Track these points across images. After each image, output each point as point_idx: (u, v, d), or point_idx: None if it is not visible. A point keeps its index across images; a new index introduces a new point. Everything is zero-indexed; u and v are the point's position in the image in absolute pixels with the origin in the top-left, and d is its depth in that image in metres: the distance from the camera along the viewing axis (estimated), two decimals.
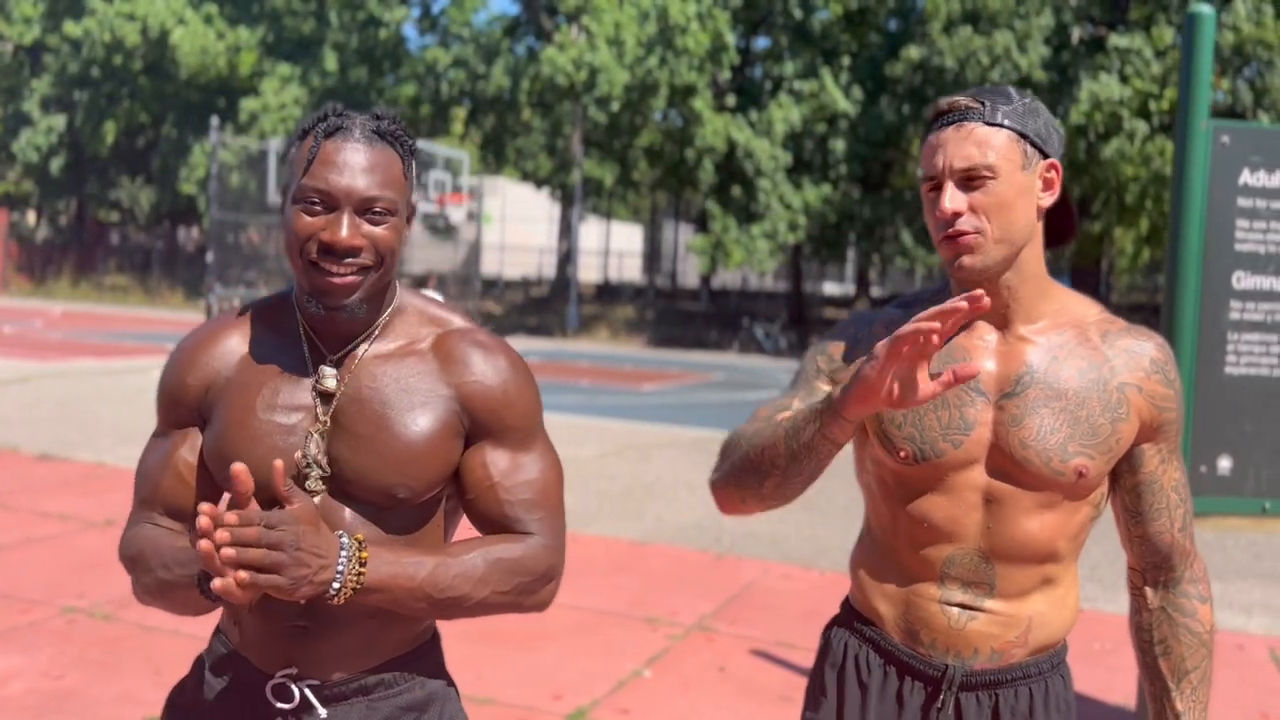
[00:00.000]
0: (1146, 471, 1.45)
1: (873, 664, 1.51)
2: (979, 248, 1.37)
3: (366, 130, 1.31)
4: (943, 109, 1.40)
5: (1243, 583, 5.85)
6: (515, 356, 1.42)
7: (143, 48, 31.43)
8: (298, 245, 1.29)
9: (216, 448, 1.35)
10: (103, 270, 37.18)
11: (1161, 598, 1.50)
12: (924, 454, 1.42)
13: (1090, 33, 24.50)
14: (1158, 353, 1.44)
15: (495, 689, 3.80)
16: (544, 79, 25.61)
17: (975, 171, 1.36)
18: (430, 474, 1.36)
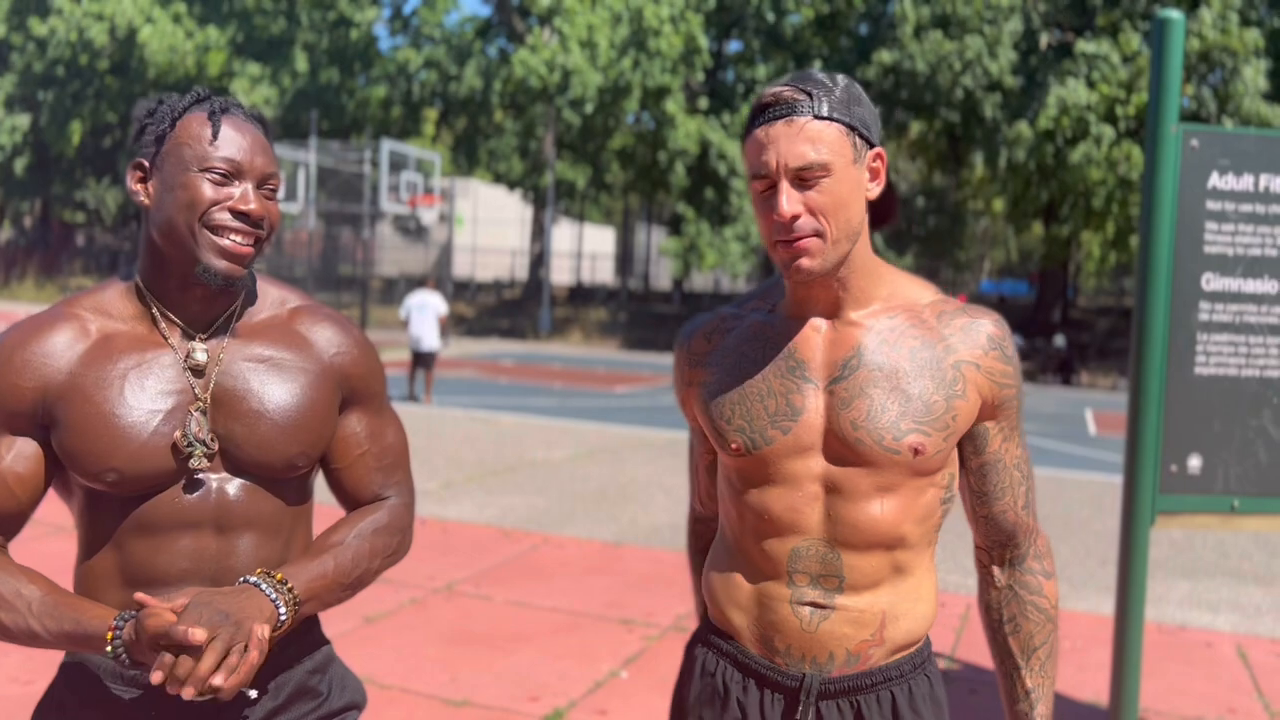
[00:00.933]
0: (991, 451, 1.45)
1: (731, 680, 1.48)
2: (819, 251, 1.34)
3: (245, 114, 1.39)
4: (768, 101, 1.34)
5: (1210, 580, 5.94)
6: (358, 326, 1.52)
7: (110, 47, 31.06)
8: (199, 212, 1.31)
9: (78, 447, 1.30)
10: (68, 272, 36.68)
11: (1008, 576, 1.51)
12: (755, 443, 1.41)
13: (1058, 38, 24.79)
14: (995, 329, 1.43)
15: (471, 691, 3.78)
16: (516, 81, 25.57)
17: (810, 170, 1.32)
18: (321, 441, 1.42)
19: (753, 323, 1.49)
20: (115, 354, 1.35)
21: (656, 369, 20.36)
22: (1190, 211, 2.91)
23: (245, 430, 1.35)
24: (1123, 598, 3.04)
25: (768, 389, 1.42)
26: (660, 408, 13.84)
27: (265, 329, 1.43)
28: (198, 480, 1.34)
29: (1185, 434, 2.95)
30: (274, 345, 1.41)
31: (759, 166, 1.34)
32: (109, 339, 1.36)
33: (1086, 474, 9.91)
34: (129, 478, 1.32)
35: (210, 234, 1.31)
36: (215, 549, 1.35)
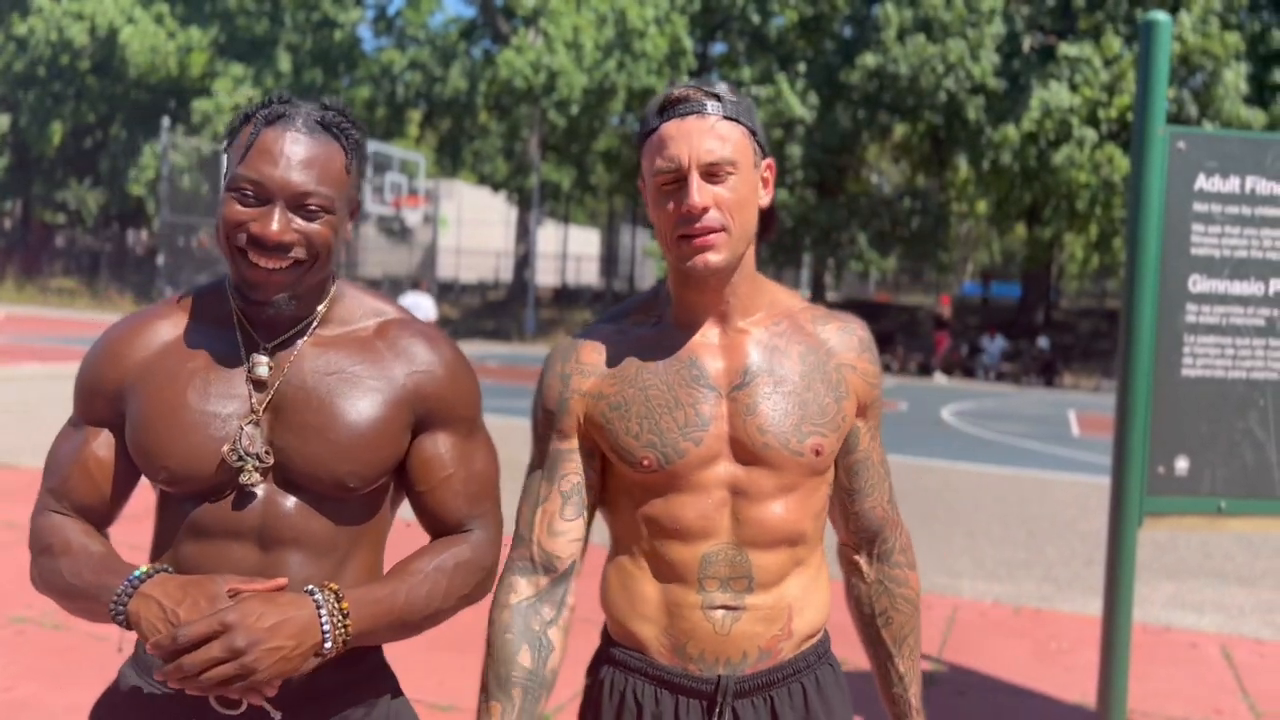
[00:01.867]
0: (861, 449, 1.52)
1: (644, 695, 1.46)
2: (723, 245, 1.35)
3: (310, 120, 1.28)
4: (679, 97, 1.37)
5: (1194, 581, 5.97)
6: (456, 346, 1.43)
7: (90, 47, 30.84)
8: (226, 234, 1.26)
9: (140, 440, 1.31)
10: (49, 273, 36.40)
11: (877, 570, 1.58)
12: (667, 457, 1.40)
13: (1040, 41, 24.94)
14: (863, 332, 1.51)
15: (458, 696, 3.76)
16: (501, 82, 25.53)
17: (720, 166, 1.34)
18: (380, 462, 1.34)
19: (640, 336, 1.48)
20: (191, 353, 1.33)
21: None
22: (1177, 213, 2.92)
23: (297, 444, 1.30)
24: (1110, 599, 3.05)
25: (674, 400, 1.42)
26: None
27: (344, 342, 1.36)
28: (246, 492, 1.30)
29: (1172, 436, 2.95)
30: (348, 359, 1.34)
31: (666, 160, 1.35)
32: (190, 337, 1.35)
33: (1070, 475, 9.95)
34: (179, 479, 1.30)
35: (237, 256, 1.27)
36: (257, 563, 1.31)
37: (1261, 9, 24.48)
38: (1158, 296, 2.92)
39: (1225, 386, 2.96)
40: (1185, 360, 2.95)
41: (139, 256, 37.38)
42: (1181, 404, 2.95)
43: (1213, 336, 2.95)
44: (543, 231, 37.79)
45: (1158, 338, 2.93)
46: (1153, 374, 2.93)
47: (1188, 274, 2.94)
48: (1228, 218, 2.94)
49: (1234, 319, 2.96)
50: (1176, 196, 2.92)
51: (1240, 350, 2.97)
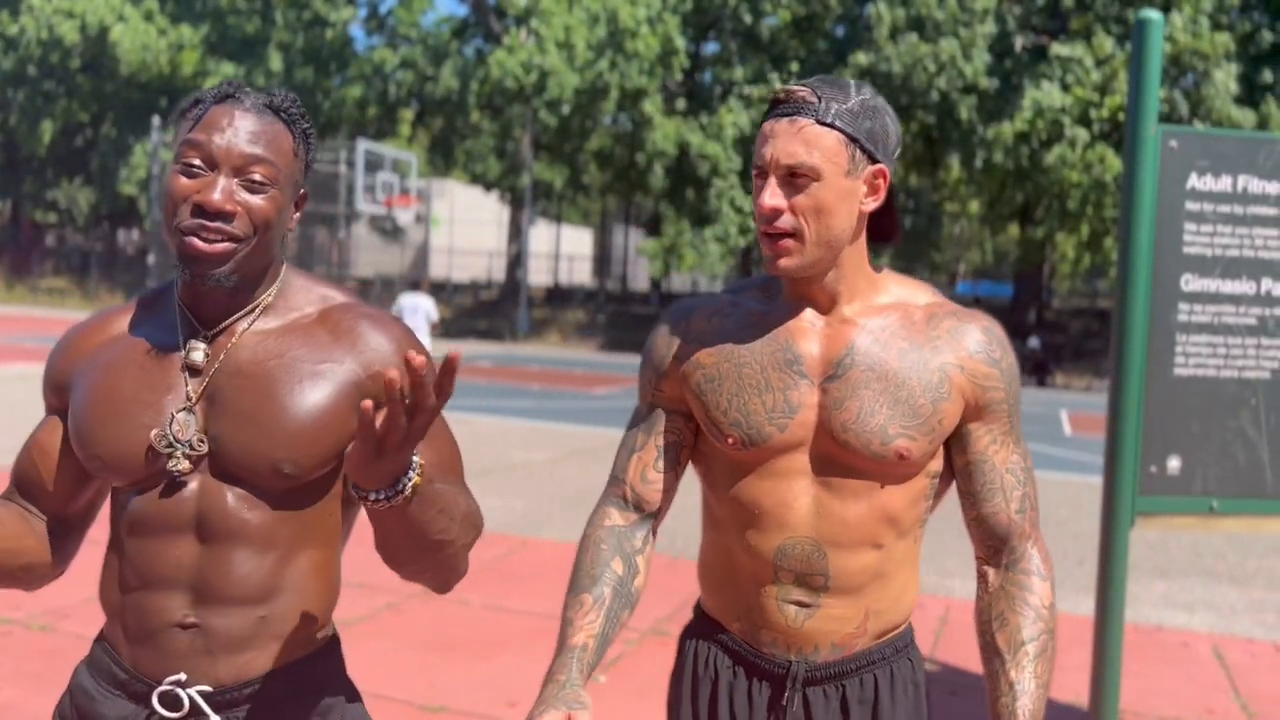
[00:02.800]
0: (976, 451, 1.44)
1: (721, 667, 1.52)
2: (795, 251, 1.36)
3: (258, 102, 1.27)
4: (779, 97, 1.37)
5: (1185, 580, 5.97)
6: (406, 326, 1.38)
7: (81, 45, 30.72)
8: (172, 209, 1.23)
9: (76, 429, 1.31)
10: (39, 273, 36.25)
11: (1002, 578, 1.47)
12: (751, 439, 1.42)
13: (1033, 41, 24.99)
14: (981, 334, 1.43)
15: (448, 697, 3.74)
16: (493, 81, 25.49)
17: (799, 171, 1.34)
18: (319, 450, 1.27)
19: (750, 311, 1.49)
20: (133, 343, 1.32)
21: (635, 370, 20.32)
22: (1169, 212, 2.91)
23: (231, 431, 1.26)
24: (1102, 599, 3.04)
25: (765, 382, 1.42)
26: None
27: (288, 328, 1.32)
28: (179, 483, 1.27)
29: (1164, 435, 2.95)
30: (291, 345, 1.30)
31: (757, 157, 1.38)
32: (138, 329, 1.34)
33: (1062, 474, 9.97)
34: (109, 467, 1.27)
35: (177, 230, 1.23)
36: (196, 557, 1.27)
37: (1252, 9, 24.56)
38: (1150, 295, 2.92)
39: (1217, 386, 2.96)
40: (1177, 359, 2.94)
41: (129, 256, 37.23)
42: (1174, 403, 2.94)
43: (1205, 336, 2.95)
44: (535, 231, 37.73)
45: (1150, 337, 2.92)
46: (1145, 373, 2.93)
47: (1180, 273, 2.93)
48: (1220, 217, 2.93)
49: (1226, 318, 2.95)
50: (1169, 195, 2.91)
51: (1232, 349, 2.96)
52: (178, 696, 1.28)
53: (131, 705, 1.30)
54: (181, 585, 1.28)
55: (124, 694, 1.31)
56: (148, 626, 1.29)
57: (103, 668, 1.34)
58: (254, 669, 1.30)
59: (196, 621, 1.27)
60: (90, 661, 1.37)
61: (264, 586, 1.29)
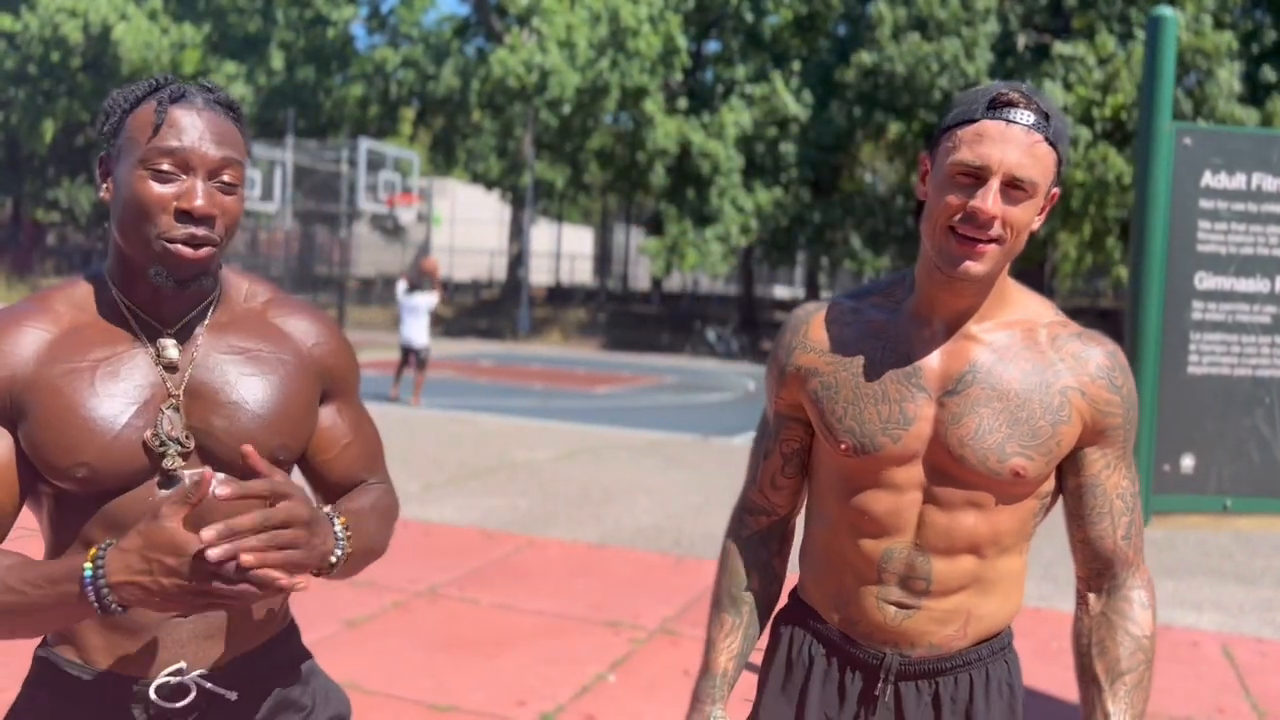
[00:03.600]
0: (1089, 474, 1.44)
1: (816, 655, 1.53)
2: (991, 258, 1.34)
3: (209, 99, 1.29)
4: (1013, 101, 1.32)
5: (1193, 580, 5.96)
6: (329, 318, 1.48)
7: (83, 44, 30.71)
8: (147, 216, 1.23)
9: (47, 441, 1.25)
10: (39, 272, 36.24)
11: (1103, 604, 1.47)
12: (864, 447, 1.43)
13: (1035, 40, 24.97)
14: (1105, 359, 1.43)
15: (457, 696, 3.73)
16: (495, 80, 25.47)
17: (1023, 183, 1.31)
18: (303, 434, 1.37)
19: (872, 320, 1.48)
20: (85, 347, 1.29)
21: (637, 369, 20.33)
22: (1183, 210, 2.90)
23: (225, 423, 1.30)
24: None
25: (882, 393, 1.43)
26: (642, 408, 13.80)
27: (239, 322, 1.37)
28: (172, 478, 1.28)
29: (1178, 434, 2.93)
30: (249, 338, 1.36)
31: (974, 155, 1.32)
32: (79, 332, 1.30)
33: None
34: (100, 474, 1.26)
35: (158, 237, 1.24)
36: None
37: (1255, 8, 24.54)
38: (1164, 294, 2.90)
39: (1231, 384, 2.94)
40: (1191, 358, 2.93)
41: None
42: (1187, 402, 2.93)
43: (1219, 334, 2.94)
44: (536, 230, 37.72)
45: (1164, 335, 2.91)
46: (1158, 372, 2.91)
47: (1194, 271, 2.92)
48: (1234, 214, 2.92)
49: (1240, 316, 2.94)
50: (1182, 193, 2.90)
51: (1246, 348, 2.95)
52: (182, 685, 1.29)
53: (114, 710, 1.29)
54: None
55: (94, 700, 1.30)
56: (140, 622, 1.29)
57: (66, 680, 1.30)
58: (245, 646, 1.35)
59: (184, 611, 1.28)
60: (40, 682, 1.33)
61: None
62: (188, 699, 1.29)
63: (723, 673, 1.54)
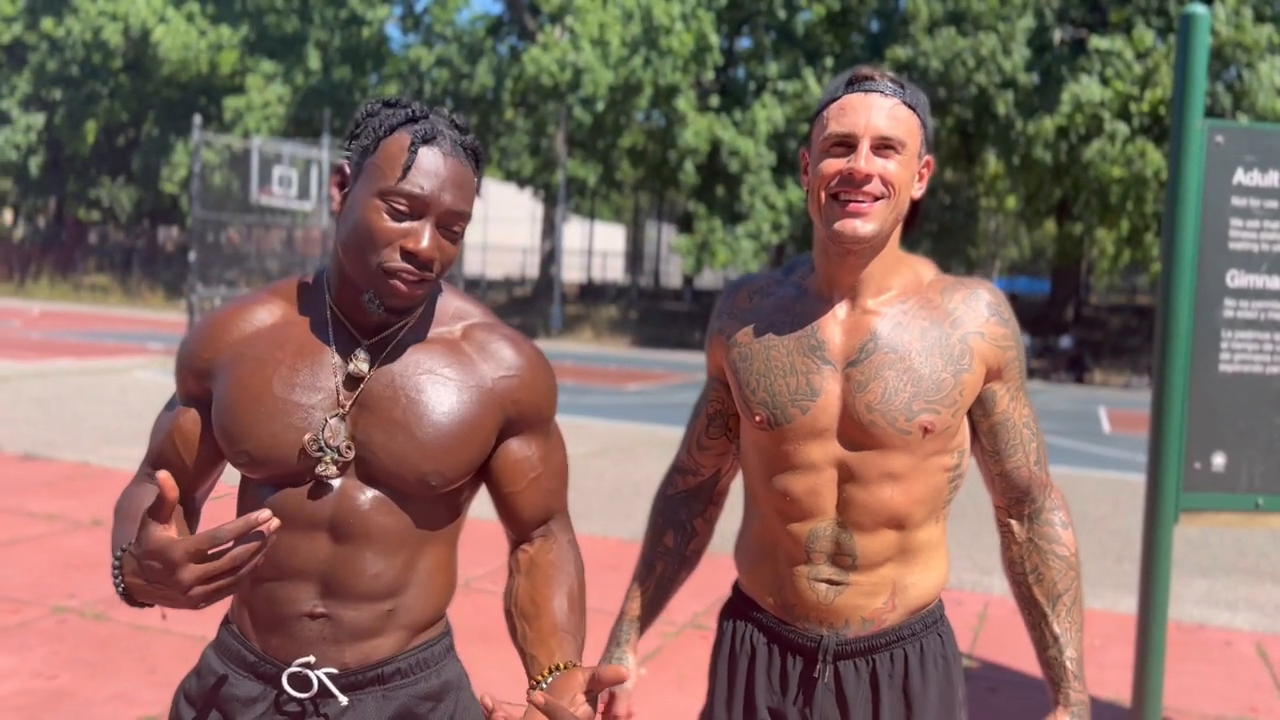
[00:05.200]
0: (1000, 411, 1.52)
1: (757, 644, 1.59)
2: (876, 215, 1.41)
3: (455, 143, 1.31)
4: (865, 75, 1.44)
5: (1228, 579, 5.91)
6: (538, 348, 1.47)
7: (124, 46, 31.18)
8: (373, 246, 1.27)
9: (223, 421, 1.34)
10: (82, 270, 36.86)
11: (1028, 529, 1.57)
12: (775, 419, 1.49)
13: (1071, 35, 24.68)
14: (991, 296, 1.52)
15: (491, 687, 3.79)
16: (528, 79, 25.57)
17: (891, 142, 1.41)
18: (463, 463, 1.36)
19: (784, 295, 1.57)
20: (282, 342, 1.35)
21: (668, 366, 20.36)
22: (1215, 208, 2.90)
23: (383, 439, 1.32)
24: (1146, 597, 3.03)
25: (790, 365, 1.50)
26: (673, 405, 13.83)
27: (434, 343, 1.38)
28: (324, 484, 1.32)
29: (1209, 431, 2.93)
30: (438, 360, 1.37)
31: (841, 125, 1.42)
32: (283, 325, 1.37)
33: (1102, 472, 9.87)
34: (257, 463, 1.32)
35: (379, 266, 1.28)
36: (328, 554, 1.33)
37: None
38: (1195, 292, 2.90)
39: (1263, 382, 2.94)
40: (1223, 355, 2.92)
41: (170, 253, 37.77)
42: (1219, 399, 2.93)
43: (1251, 332, 2.93)
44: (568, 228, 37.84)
45: (1195, 333, 2.91)
46: (1189, 369, 2.91)
47: (1226, 269, 2.91)
48: (1267, 212, 2.91)
49: (1272, 314, 2.93)
50: (1215, 191, 2.89)
51: (1279, 345, 2.94)
52: (307, 677, 1.34)
53: (260, 685, 1.36)
54: (312, 578, 1.34)
55: (253, 675, 1.37)
56: (278, 614, 1.35)
57: (231, 651, 1.39)
58: (378, 654, 1.37)
59: (325, 612, 1.34)
60: (218, 644, 1.42)
61: (393, 584, 1.36)
62: (311, 692, 1.34)
63: (632, 618, 1.72)
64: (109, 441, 8.46)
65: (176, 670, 3.79)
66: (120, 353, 16.37)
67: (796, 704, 1.55)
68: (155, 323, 24.65)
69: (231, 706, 1.37)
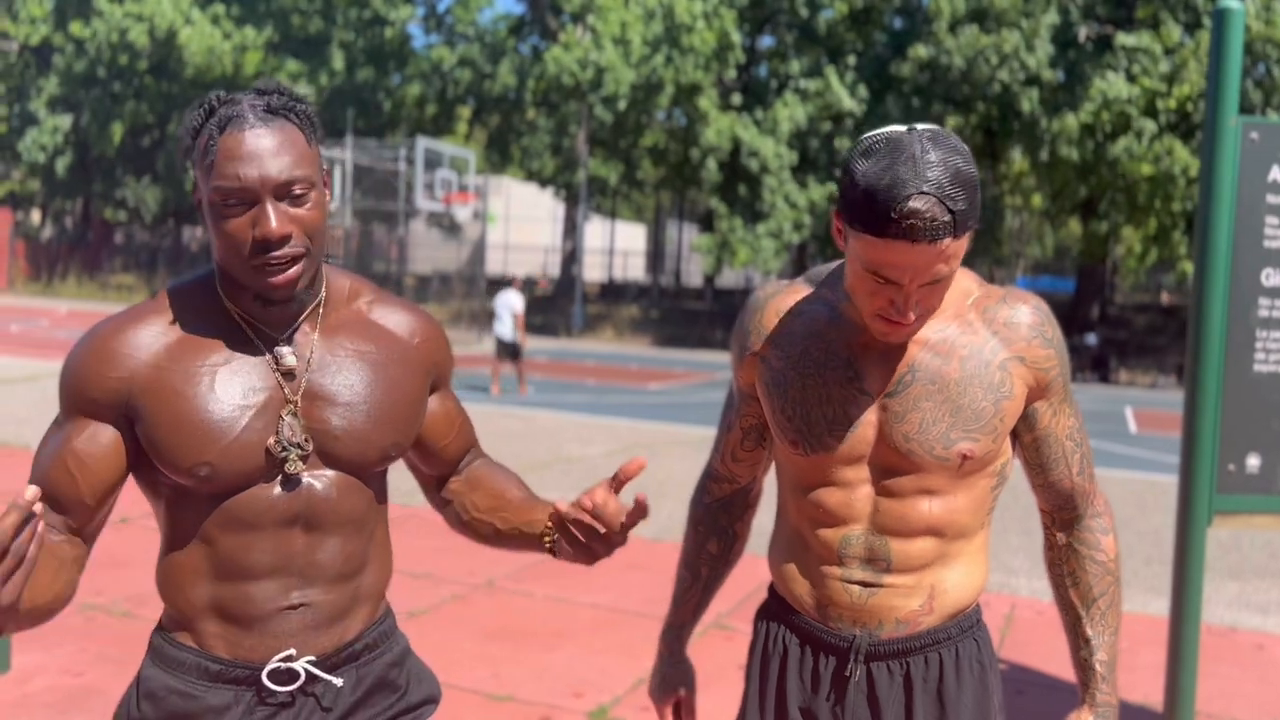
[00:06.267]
0: (1042, 427, 1.51)
1: (790, 644, 1.58)
2: (910, 329, 1.39)
3: (258, 111, 1.27)
4: (912, 212, 1.24)
5: (1260, 582, 5.83)
6: (426, 312, 1.54)
7: (149, 48, 31.46)
8: (235, 251, 1.26)
9: (168, 441, 1.29)
10: (108, 269, 37.22)
11: (1068, 535, 1.58)
12: (811, 447, 1.49)
13: (1097, 31, 24.46)
14: (1032, 316, 1.47)
15: (513, 687, 3.79)
16: (550, 78, 25.61)
17: (938, 280, 1.32)
18: (413, 429, 1.43)
19: (818, 316, 1.52)
20: (203, 350, 1.33)
21: (690, 365, 20.33)
22: (1249, 205, 2.85)
23: (342, 424, 1.35)
24: (1178, 600, 2.99)
25: (826, 395, 1.48)
26: (694, 404, 13.81)
27: (347, 325, 1.41)
28: (290, 479, 1.33)
29: (1243, 432, 2.89)
30: (359, 339, 1.40)
31: (885, 270, 1.31)
32: (195, 334, 1.34)
33: (1129, 472, 9.78)
34: (221, 473, 1.31)
35: (248, 270, 1.27)
36: (303, 545, 1.35)
37: None
38: (1229, 291, 2.86)
39: None
40: (1257, 356, 2.88)
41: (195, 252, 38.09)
42: (1253, 400, 2.88)
43: None
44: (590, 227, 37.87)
45: (1229, 333, 2.87)
46: (1223, 370, 2.87)
47: (1260, 268, 2.87)
48: None
49: None
50: (1249, 189, 2.85)
51: None
52: (291, 670, 1.35)
53: (231, 691, 1.34)
54: (290, 572, 1.35)
55: (220, 682, 1.34)
56: (253, 614, 1.34)
57: (185, 664, 1.35)
58: (350, 633, 1.41)
59: (305, 601, 1.36)
60: (163, 661, 1.37)
61: (359, 561, 1.41)
62: (297, 683, 1.35)
63: (682, 624, 1.75)
64: None
65: None
66: None
67: (829, 703, 1.54)
68: None
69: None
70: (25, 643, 3.96)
